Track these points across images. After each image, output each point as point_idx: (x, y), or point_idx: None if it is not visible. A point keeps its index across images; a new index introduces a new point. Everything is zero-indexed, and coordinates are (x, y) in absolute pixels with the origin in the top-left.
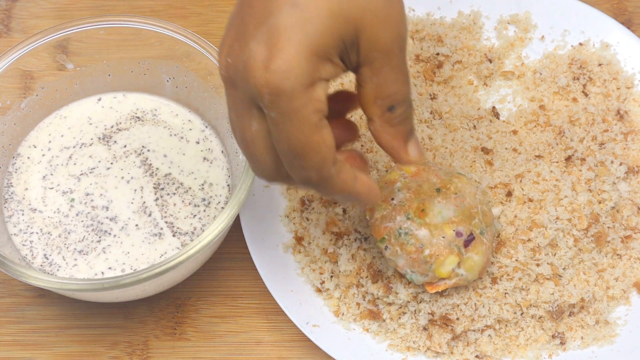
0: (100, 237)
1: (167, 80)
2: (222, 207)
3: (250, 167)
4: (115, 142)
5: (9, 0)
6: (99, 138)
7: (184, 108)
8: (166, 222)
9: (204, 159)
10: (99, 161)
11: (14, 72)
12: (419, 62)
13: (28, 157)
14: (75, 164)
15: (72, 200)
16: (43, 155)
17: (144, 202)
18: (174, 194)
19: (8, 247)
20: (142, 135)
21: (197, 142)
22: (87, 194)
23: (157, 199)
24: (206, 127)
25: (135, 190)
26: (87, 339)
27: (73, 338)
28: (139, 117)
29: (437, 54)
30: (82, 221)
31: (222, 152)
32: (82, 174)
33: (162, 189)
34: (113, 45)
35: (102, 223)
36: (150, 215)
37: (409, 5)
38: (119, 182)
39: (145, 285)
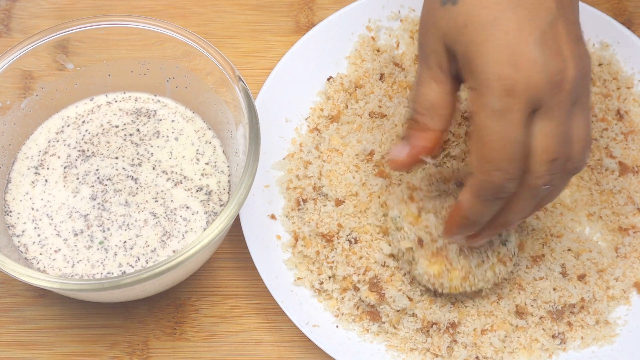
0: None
1: (167, 80)
2: (222, 207)
3: (496, 174)
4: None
5: (9, 0)
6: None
7: (184, 108)
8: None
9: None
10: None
11: (14, 72)
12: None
13: (24, 159)
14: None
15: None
16: (33, 167)
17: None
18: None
19: (8, 246)
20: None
21: (193, 144)
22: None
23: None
24: (208, 128)
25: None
26: (87, 339)
27: (73, 338)
28: (139, 115)
29: None
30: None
31: (223, 152)
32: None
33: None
34: (113, 45)
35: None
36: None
37: (409, 5)
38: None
39: (145, 285)
